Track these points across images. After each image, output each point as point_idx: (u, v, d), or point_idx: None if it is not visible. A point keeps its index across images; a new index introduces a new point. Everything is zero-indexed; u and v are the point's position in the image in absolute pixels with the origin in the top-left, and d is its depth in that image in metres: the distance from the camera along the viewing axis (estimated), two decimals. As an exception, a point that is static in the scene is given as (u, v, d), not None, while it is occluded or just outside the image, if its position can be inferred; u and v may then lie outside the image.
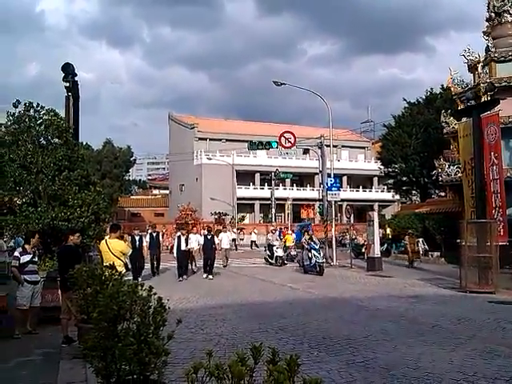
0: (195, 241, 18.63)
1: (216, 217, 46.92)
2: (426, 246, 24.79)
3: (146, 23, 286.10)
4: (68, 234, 8.72)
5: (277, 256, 23.24)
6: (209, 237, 18.44)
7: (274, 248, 23.62)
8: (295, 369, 2.51)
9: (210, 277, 17.52)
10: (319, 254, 18.97)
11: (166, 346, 3.80)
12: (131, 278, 13.22)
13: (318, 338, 8.17)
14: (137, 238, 17.18)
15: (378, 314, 10.62)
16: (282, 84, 26.09)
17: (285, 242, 27.29)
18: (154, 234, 19.10)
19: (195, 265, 20.06)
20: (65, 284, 7.26)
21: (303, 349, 7.43)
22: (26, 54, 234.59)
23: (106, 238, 9.57)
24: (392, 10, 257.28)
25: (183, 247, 17.73)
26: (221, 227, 28.17)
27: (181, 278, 17.13)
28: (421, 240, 24.44)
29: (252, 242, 38.95)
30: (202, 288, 14.97)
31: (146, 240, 18.33)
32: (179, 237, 18.10)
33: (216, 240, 19.21)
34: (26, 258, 8.63)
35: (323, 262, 19.22)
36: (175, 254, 17.83)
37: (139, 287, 4.24)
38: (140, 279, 13.77)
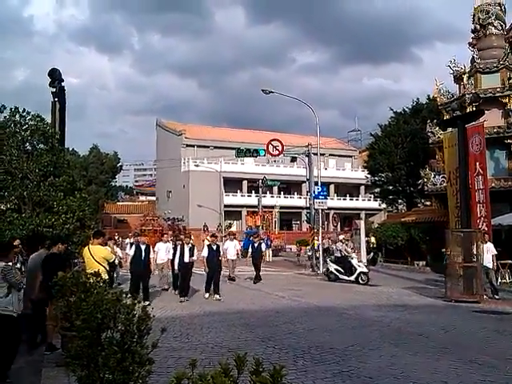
0: (165, 251, 15.78)
1: (169, 223, 38.68)
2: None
3: (135, 30, 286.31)
4: (55, 242, 8.60)
5: (360, 272, 18.49)
6: (214, 247, 14.89)
7: (354, 262, 18.78)
8: (279, 380, 2.49)
9: (218, 297, 14.04)
10: None
11: (151, 354, 3.76)
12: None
13: (304, 347, 8.15)
14: (142, 246, 13.57)
15: (363, 324, 10.62)
16: (270, 92, 26.07)
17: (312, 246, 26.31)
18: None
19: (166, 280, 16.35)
20: (50, 291, 7.16)
21: (289, 357, 7.41)
22: (13, 59, 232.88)
23: (89, 244, 9.50)
24: (379, 20, 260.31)
25: (186, 259, 14.35)
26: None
27: (183, 299, 13.76)
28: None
29: None
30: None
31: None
32: (182, 245, 14.69)
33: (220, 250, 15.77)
34: None
35: None
36: (176, 267, 14.63)
37: (123, 295, 4.19)
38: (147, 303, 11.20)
